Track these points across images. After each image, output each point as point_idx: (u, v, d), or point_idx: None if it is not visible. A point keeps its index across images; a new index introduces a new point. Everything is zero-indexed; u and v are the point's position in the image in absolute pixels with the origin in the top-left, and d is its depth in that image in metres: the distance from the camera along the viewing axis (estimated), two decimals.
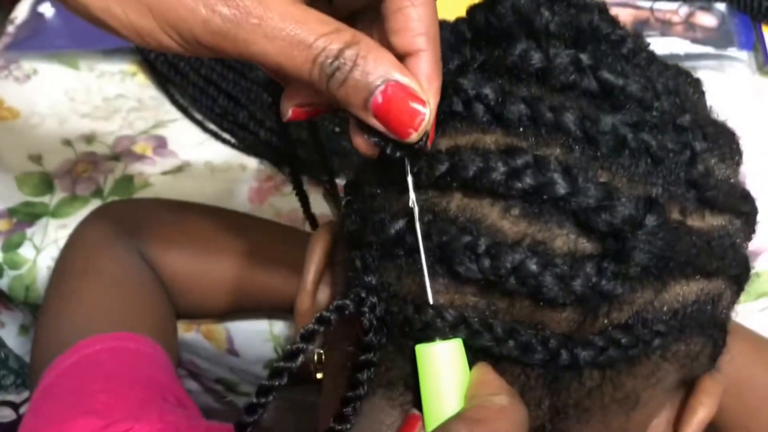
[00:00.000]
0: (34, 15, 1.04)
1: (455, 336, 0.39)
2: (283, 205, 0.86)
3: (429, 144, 0.38)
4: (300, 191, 0.57)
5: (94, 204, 0.86)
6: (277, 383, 0.39)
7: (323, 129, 0.86)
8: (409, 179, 0.38)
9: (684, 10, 1.01)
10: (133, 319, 0.64)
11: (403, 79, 0.36)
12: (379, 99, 0.35)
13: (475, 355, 0.39)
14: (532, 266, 0.37)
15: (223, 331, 0.79)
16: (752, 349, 0.63)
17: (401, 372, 0.41)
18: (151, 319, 0.66)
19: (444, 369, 0.38)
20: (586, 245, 0.38)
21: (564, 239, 0.37)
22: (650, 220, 0.37)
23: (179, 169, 0.90)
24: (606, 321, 0.38)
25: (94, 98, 0.97)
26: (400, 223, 0.39)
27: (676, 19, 1.00)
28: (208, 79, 0.93)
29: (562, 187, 0.37)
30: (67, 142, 0.93)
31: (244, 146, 0.91)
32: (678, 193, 0.39)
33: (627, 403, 0.41)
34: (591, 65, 0.39)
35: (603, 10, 0.41)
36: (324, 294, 0.47)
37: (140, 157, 0.91)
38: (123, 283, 0.67)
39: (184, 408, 0.58)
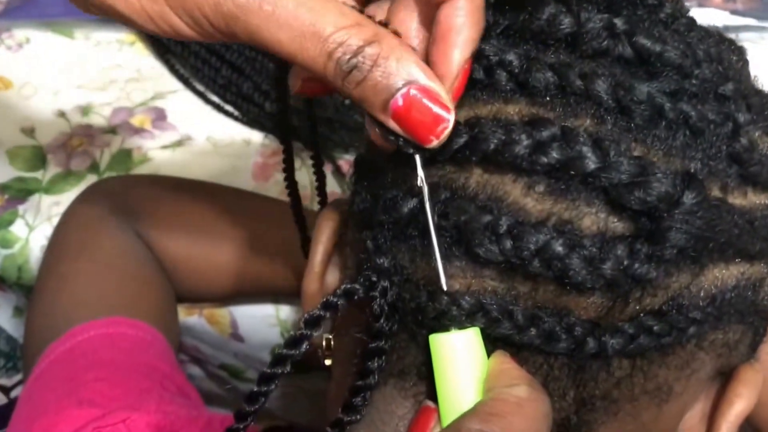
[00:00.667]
0: None
1: (472, 324, 0.38)
2: None
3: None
4: (318, 165, 0.56)
5: (90, 180, 0.85)
6: (279, 371, 0.38)
7: (332, 101, 0.85)
8: (419, 163, 0.37)
9: None
10: (131, 303, 0.63)
11: (427, 82, 0.35)
12: (400, 102, 0.34)
13: (493, 343, 0.38)
14: (558, 248, 0.35)
15: (227, 316, 0.78)
16: None
17: (414, 361, 0.40)
18: (149, 302, 0.65)
19: (460, 360, 0.37)
20: (617, 225, 0.36)
21: (593, 218, 0.36)
22: (688, 198, 0.36)
23: (179, 144, 0.89)
24: (637, 307, 0.37)
25: (89, 68, 0.96)
26: (414, 201, 0.38)
27: None
28: (211, 49, 0.92)
29: (591, 162, 0.35)
30: (62, 114, 0.92)
31: (249, 119, 0.90)
32: (719, 169, 0.38)
33: (658, 395, 0.39)
34: (626, 30, 0.38)
35: None
36: (333, 276, 0.46)
37: (138, 131, 0.90)
38: (119, 265, 0.66)
39: (185, 397, 0.57)
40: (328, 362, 0.49)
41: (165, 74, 0.95)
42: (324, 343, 0.48)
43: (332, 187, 0.79)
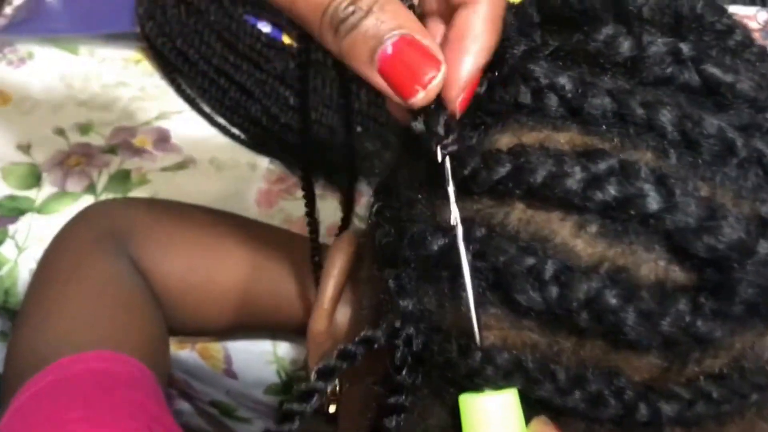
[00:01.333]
0: None
1: (509, 384, 0.34)
2: (295, 210, 0.81)
3: (457, 114, 0.35)
4: (309, 189, 0.54)
5: (86, 201, 0.82)
6: (287, 429, 0.33)
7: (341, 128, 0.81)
8: (450, 183, 0.34)
9: (763, 15, 0.96)
10: (120, 336, 0.59)
11: (421, 38, 0.33)
12: (389, 50, 0.33)
13: (532, 406, 0.34)
14: (611, 299, 0.32)
15: (221, 350, 0.74)
16: None
17: (439, 422, 0.36)
18: (139, 335, 0.61)
19: (494, 426, 0.33)
20: (678, 275, 0.33)
21: (652, 266, 0.33)
22: (764, 247, 0.32)
23: (181, 166, 0.86)
24: (696, 369, 0.33)
25: (92, 85, 0.93)
26: (445, 238, 0.35)
27: (754, 25, 0.95)
28: (220, 70, 0.89)
29: (654, 201, 0.32)
30: (60, 132, 0.89)
31: (255, 143, 0.87)
32: None
33: None
34: (693, 57, 0.35)
35: None
36: (343, 314, 0.43)
37: (139, 151, 0.87)
38: (110, 293, 0.62)
39: None
40: (332, 409, 0.45)
41: (170, 94, 0.92)
42: (329, 390, 0.43)
43: (338, 216, 0.74)
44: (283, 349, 0.73)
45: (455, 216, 0.34)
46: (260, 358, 0.74)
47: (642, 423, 0.33)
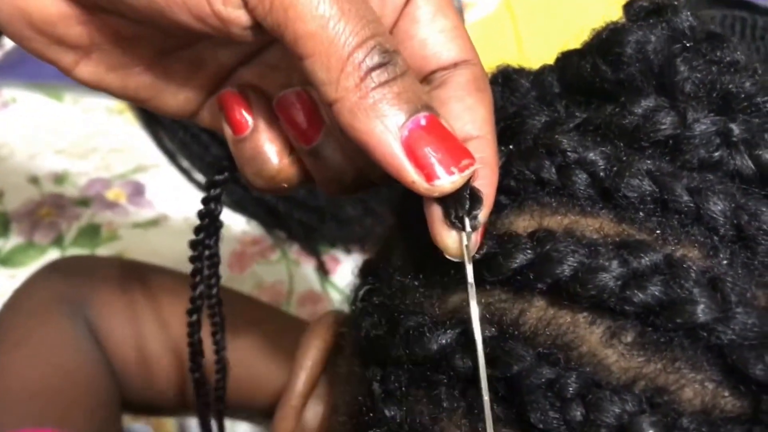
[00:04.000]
0: None
1: None
2: (267, 275, 0.76)
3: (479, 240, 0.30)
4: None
5: (52, 255, 0.79)
6: None
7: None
8: (470, 277, 0.29)
9: None
10: (64, 411, 0.54)
11: (443, 119, 0.29)
12: (422, 121, 0.28)
13: None
14: (648, 427, 0.26)
15: (175, 427, 0.69)
16: None
17: None
18: (86, 411, 0.55)
19: None
20: (729, 402, 0.27)
21: (698, 389, 0.27)
22: None
23: (154, 223, 0.82)
24: None
25: (73, 133, 0.89)
26: (448, 336, 0.30)
27: None
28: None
29: (707, 309, 0.27)
30: (34, 180, 0.85)
31: (232, 201, 0.82)
32: None
33: None
34: (745, 139, 0.30)
35: (756, 71, 0.33)
36: (314, 414, 0.38)
37: (112, 205, 0.83)
38: (59, 364, 0.57)
39: None
40: None
41: (150, 147, 0.88)
42: None
43: (312, 284, 0.69)
44: (242, 429, 0.68)
45: (474, 314, 0.28)
46: None
47: None
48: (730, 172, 0.30)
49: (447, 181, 0.28)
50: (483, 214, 0.29)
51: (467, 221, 0.29)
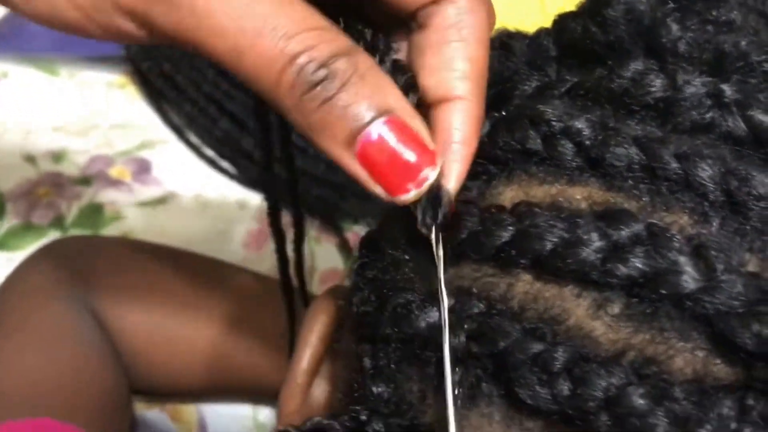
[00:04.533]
0: (13, 13, 0.92)
1: None
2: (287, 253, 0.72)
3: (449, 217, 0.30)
4: (276, 227, 0.47)
5: (52, 236, 0.76)
6: None
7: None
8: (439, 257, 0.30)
9: None
10: (65, 401, 0.52)
11: (411, 122, 0.28)
12: (373, 135, 0.27)
13: None
14: (638, 399, 0.27)
15: (194, 413, 0.67)
16: None
17: None
18: (88, 400, 0.53)
19: None
20: (721, 370, 0.28)
21: (688, 358, 0.28)
22: None
23: (161, 201, 0.79)
24: None
25: (71, 109, 0.86)
26: (437, 314, 0.30)
27: None
28: (210, 97, 0.83)
29: (691, 278, 0.27)
30: (30, 159, 0.82)
31: (246, 179, 0.81)
32: None
33: None
34: (738, 101, 0.30)
35: (752, 31, 0.33)
36: (321, 390, 0.37)
37: (115, 183, 0.80)
38: (59, 351, 0.56)
39: None
40: None
41: (155, 122, 0.85)
42: None
43: (334, 262, 0.67)
44: (265, 414, 0.67)
45: (444, 300, 0.29)
46: (238, 423, 0.67)
47: None
48: (723, 134, 0.30)
49: (405, 198, 0.28)
50: (450, 193, 0.30)
51: (433, 228, 0.30)
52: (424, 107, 0.30)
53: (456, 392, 0.29)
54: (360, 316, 0.33)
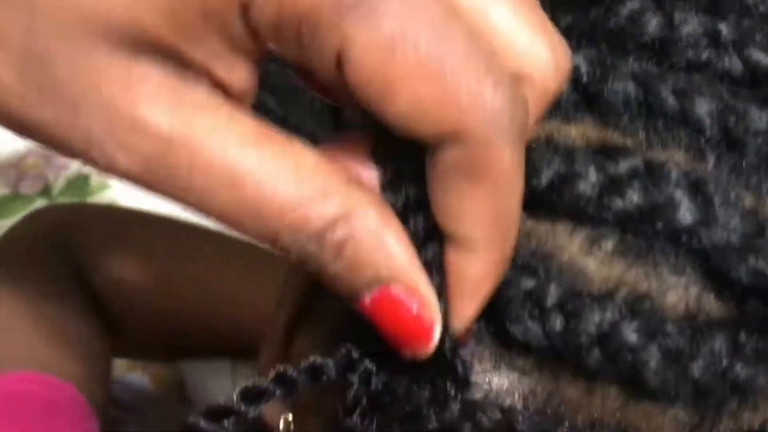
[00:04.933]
0: None
1: None
2: None
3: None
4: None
5: (39, 205, 0.77)
6: None
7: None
8: None
9: None
10: (51, 355, 0.53)
11: (398, 290, 0.25)
12: (367, 300, 0.26)
13: None
14: (630, 334, 0.26)
15: (173, 373, 0.69)
16: None
17: None
18: (73, 356, 0.54)
19: None
20: (714, 306, 0.27)
21: (681, 294, 0.27)
22: None
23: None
24: (732, 425, 0.28)
25: None
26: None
27: None
28: None
29: (688, 212, 0.27)
30: None
31: None
32: None
33: None
34: (734, 40, 0.30)
35: None
36: (300, 347, 0.36)
37: None
38: (43, 311, 0.56)
39: None
40: None
41: None
42: (282, 425, 0.35)
43: None
44: (245, 374, 0.67)
45: None
46: (218, 384, 0.69)
47: None
48: (719, 73, 0.30)
49: (428, 350, 0.26)
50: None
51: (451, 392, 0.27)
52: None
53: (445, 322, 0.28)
54: None
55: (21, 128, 0.24)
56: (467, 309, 0.27)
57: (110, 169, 0.24)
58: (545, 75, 0.25)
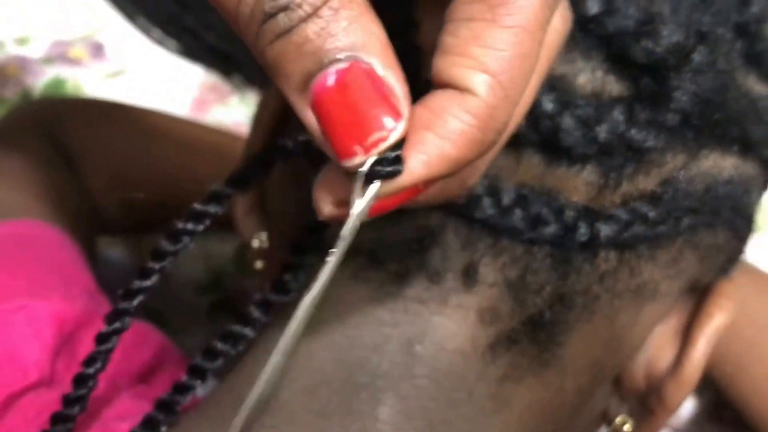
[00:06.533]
0: None
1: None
2: (226, 117, 0.79)
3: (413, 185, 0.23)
4: None
5: None
6: (191, 228, 0.30)
7: None
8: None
9: None
10: (42, 208, 0.53)
11: (382, 69, 0.21)
12: (330, 80, 0.21)
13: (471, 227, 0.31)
14: (548, 103, 0.29)
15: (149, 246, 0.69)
16: (750, 282, 0.57)
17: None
18: (60, 209, 0.54)
19: None
20: (615, 86, 0.30)
21: (589, 76, 0.30)
22: (701, 53, 0.30)
23: (116, 75, 0.83)
24: (631, 188, 0.31)
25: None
26: None
27: None
28: None
29: (595, 4, 0.29)
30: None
31: (186, 50, 0.83)
32: (725, 39, 0.32)
33: (642, 293, 0.33)
34: None
35: None
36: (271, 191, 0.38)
37: (75, 62, 0.83)
38: (30, 177, 0.56)
39: (96, 299, 0.47)
40: (259, 265, 0.40)
41: (104, 7, 0.87)
42: (256, 245, 0.39)
43: None
44: (213, 243, 0.69)
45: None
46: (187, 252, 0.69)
47: (579, 245, 0.31)
48: None
49: (348, 164, 0.22)
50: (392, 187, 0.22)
51: (356, 204, 0.23)
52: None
53: None
54: None
55: None
56: (431, 166, 0.22)
57: None
58: None
